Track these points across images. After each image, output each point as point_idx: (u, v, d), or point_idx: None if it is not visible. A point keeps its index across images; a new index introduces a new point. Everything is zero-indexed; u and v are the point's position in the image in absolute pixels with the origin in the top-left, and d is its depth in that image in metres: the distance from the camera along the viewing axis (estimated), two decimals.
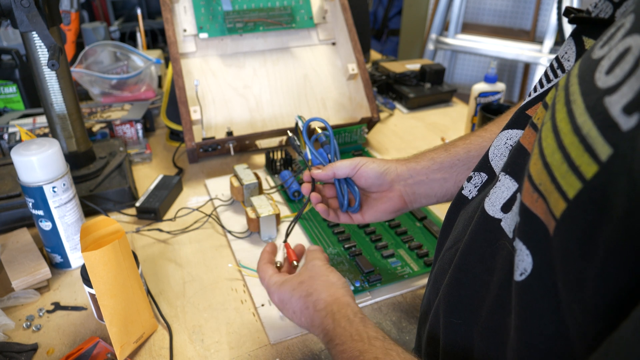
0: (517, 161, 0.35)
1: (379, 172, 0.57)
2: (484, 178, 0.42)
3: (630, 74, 0.21)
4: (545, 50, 2.23)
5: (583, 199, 0.23)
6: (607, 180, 0.21)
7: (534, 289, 0.28)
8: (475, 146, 0.56)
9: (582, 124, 0.24)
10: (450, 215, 0.46)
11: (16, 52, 1.08)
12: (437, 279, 0.43)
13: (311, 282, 0.48)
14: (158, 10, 1.74)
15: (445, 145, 0.59)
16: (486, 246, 0.35)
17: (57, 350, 0.56)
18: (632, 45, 0.22)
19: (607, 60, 0.24)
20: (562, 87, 0.28)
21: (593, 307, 0.23)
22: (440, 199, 0.58)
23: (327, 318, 0.44)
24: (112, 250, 0.50)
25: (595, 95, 0.23)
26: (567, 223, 0.24)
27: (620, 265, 0.21)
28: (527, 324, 0.28)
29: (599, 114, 0.23)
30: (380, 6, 3.09)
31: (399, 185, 0.58)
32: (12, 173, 0.81)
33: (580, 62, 0.27)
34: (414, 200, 0.58)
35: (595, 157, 0.22)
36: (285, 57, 1.02)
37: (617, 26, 0.25)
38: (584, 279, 0.23)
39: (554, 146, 0.26)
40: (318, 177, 0.59)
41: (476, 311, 0.35)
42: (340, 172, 0.58)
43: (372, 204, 0.59)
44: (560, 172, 0.25)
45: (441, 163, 0.57)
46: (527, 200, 0.29)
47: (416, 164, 0.58)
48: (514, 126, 0.40)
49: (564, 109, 0.26)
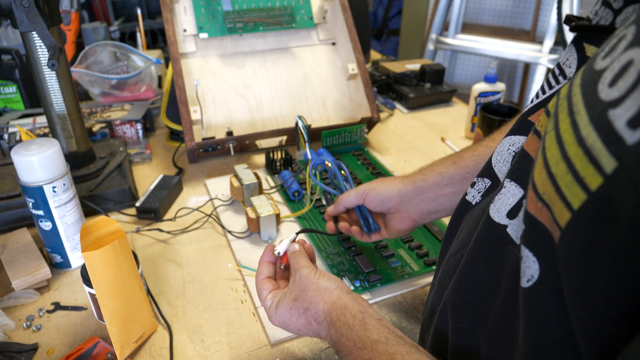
0: (522, 168, 0.35)
1: (382, 198, 0.60)
2: (487, 184, 0.42)
3: (633, 88, 0.22)
4: (545, 50, 2.23)
5: (588, 210, 0.23)
6: (612, 192, 0.22)
7: (541, 295, 0.28)
8: (484, 157, 0.55)
9: (586, 135, 0.24)
10: (454, 221, 0.46)
11: (16, 52, 1.08)
12: (441, 284, 0.43)
13: (304, 296, 0.46)
14: (158, 10, 1.74)
15: (452, 157, 0.58)
16: (491, 252, 0.35)
17: (57, 350, 0.56)
18: (634, 58, 0.23)
19: (610, 72, 0.24)
20: (564, 96, 0.28)
21: (603, 314, 0.23)
22: (450, 212, 0.58)
23: (330, 329, 0.43)
24: (112, 250, 0.50)
25: (599, 108, 0.24)
26: (572, 233, 0.25)
27: (628, 275, 0.21)
28: (534, 329, 0.29)
29: (603, 127, 0.23)
30: (380, 6, 3.09)
31: (404, 206, 0.60)
32: (12, 173, 0.81)
33: (583, 72, 0.28)
34: (423, 217, 0.60)
35: (600, 169, 0.22)
36: (285, 57, 1.02)
37: (619, 37, 0.25)
38: (591, 287, 0.23)
39: (558, 156, 0.26)
40: (332, 213, 0.65)
41: (482, 316, 0.35)
42: (350, 204, 0.63)
43: (388, 223, 0.63)
44: (564, 183, 0.25)
45: (450, 178, 0.57)
46: (531, 209, 0.29)
47: (423, 182, 0.58)
48: (517, 132, 0.40)
49: (568, 119, 0.26)
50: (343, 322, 0.42)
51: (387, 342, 0.38)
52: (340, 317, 0.42)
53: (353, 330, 0.41)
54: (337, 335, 0.42)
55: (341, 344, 0.41)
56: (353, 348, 0.40)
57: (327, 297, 0.45)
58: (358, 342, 0.40)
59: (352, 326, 0.41)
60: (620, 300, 0.22)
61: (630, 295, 0.21)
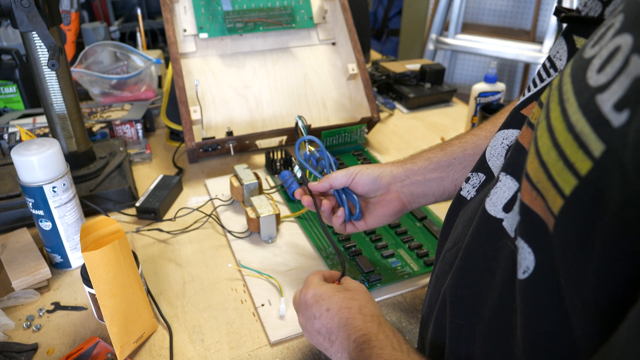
0: (516, 161, 0.35)
1: (374, 176, 0.58)
2: (481, 178, 0.43)
3: (620, 72, 0.22)
4: (545, 50, 2.22)
5: (579, 195, 0.23)
6: (601, 175, 0.22)
7: (537, 286, 0.28)
8: (471, 145, 0.57)
9: (575, 121, 0.24)
10: (449, 216, 0.46)
11: (16, 52, 1.08)
12: (438, 280, 0.43)
13: (336, 332, 0.45)
14: (158, 10, 1.74)
15: (441, 145, 0.59)
16: (488, 246, 0.36)
17: (57, 350, 0.56)
18: (621, 44, 0.23)
19: (598, 59, 0.24)
20: (555, 86, 0.28)
21: (594, 302, 0.23)
22: (438, 198, 0.59)
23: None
24: (112, 250, 0.50)
25: (587, 94, 0.24)
26: (565, 219, 0.25)
27: (617, 259, 0.21)
28: (532, 321, 0.29)
29: (591, 112, 0.23)
30: (380, 6, 3.09)
31: (395, 187, 0.59)
32: (12, 173, 0.81)
33: (573, 61, 0.28)
34: (412, 200, 0.59)
35: (589, 153, 0.23)
36: (285, 57, 1.02)
37: (607, 26, 0.26)
38: (583, 274, 0.23)
39: (549, 144, 0.26)
40: (315, 188, 0.61)
41: (479, 311, 0.35)
42: (337, 183, 0.60)
43: (372, 210, 0.60)
44: (556, 170, 0.25)
45: (438, 162, 0.57)
46: (526, 199, 0.29)
47: (412, 165, 0.58)
48: (510, 126, 0.40)
49: (558, 108, 0.26)
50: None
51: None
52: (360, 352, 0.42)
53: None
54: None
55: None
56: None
57: (348, 332, 0.44)
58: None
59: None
60: (609, 287, 0.22)
61: (620, 282, 0.21)
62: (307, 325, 0.48)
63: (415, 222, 0.76)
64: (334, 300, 0.46)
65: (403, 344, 0.41)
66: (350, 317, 0.44)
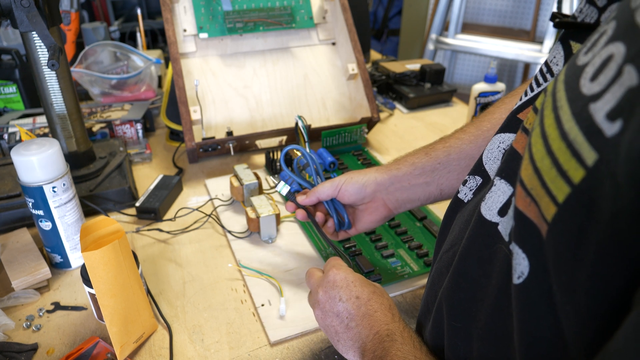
0: (510, 165, 0.35)
1: (359, 185, 0.60)
2: (478, 181, 0.43)
3: (613, 82, 0.22)
4: (545, 50, 2.22)
5: (572, 203, 0.24)
6: (593, 184, 0.22)
7: (532, 291, 0.28)
8: (455, 149, 0.57)
9: (569, 130, 0.24)
10: (447, 218, 0.46)
11: (16, 52, 1.08)
12: (434, 282, 0.43)
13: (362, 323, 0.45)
14: (158, 10, 1.74)
15: (425, 149, 0.60)
16: (484, 250, 0.36)
17: (57, 350, 0.56)
18: (614, 52, 0.23)
19: (591, 67, 0.24)
20: (549, 92, 0.28)
21: (586, 309, 0.23)
22: (424, 202, 0.60)
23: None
24: (112, 250, 0.50)
25: (580, 102, 0.24)
26: (558, 226, 0.25)
27: (610, 267, 0.21)
28: (526, 326, 0.29)
29: (584, 120, 0.23)
30: (380, 6, 3.09)
31: (381, 194, 0.60)
32: (12, 173, 0.81)
33: (566, 68, 0.28)
34: (398, 206, 0.60)
35: (582, 162, 0.23)
36: (285, 57, 1.02)
37: (600, 32, 0.26)
38: (576, 281, 0.23)
39: (543, 152, 0.26)
40: (303, 203, 0.63)
41: (475, 314, 0.36)
42: (323, 195, 0.61)
43: (360, 217, 0.62)
44: (549, 177, 0.25)
45: (422, 168, 0.58)
46: (520, 205, 0.29)
47: (397, 171, 0.59)
48: (506, 130, 0.40)
49: (552, 115, 0.26)
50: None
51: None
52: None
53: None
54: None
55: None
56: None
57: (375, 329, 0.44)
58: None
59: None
60: (602, 295, 0.22)
61: (613, 290, 0.21)
62: (327, 304, 0.47)
63: (415, 222, 0.76)
64: (365, 291, 0.47)
65: (423, 345, 0.42)
66: (379, 311, 0.45)
